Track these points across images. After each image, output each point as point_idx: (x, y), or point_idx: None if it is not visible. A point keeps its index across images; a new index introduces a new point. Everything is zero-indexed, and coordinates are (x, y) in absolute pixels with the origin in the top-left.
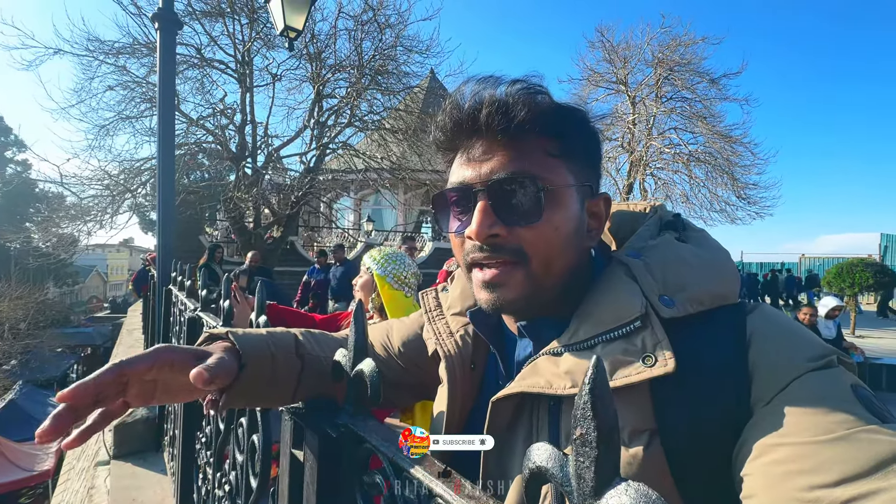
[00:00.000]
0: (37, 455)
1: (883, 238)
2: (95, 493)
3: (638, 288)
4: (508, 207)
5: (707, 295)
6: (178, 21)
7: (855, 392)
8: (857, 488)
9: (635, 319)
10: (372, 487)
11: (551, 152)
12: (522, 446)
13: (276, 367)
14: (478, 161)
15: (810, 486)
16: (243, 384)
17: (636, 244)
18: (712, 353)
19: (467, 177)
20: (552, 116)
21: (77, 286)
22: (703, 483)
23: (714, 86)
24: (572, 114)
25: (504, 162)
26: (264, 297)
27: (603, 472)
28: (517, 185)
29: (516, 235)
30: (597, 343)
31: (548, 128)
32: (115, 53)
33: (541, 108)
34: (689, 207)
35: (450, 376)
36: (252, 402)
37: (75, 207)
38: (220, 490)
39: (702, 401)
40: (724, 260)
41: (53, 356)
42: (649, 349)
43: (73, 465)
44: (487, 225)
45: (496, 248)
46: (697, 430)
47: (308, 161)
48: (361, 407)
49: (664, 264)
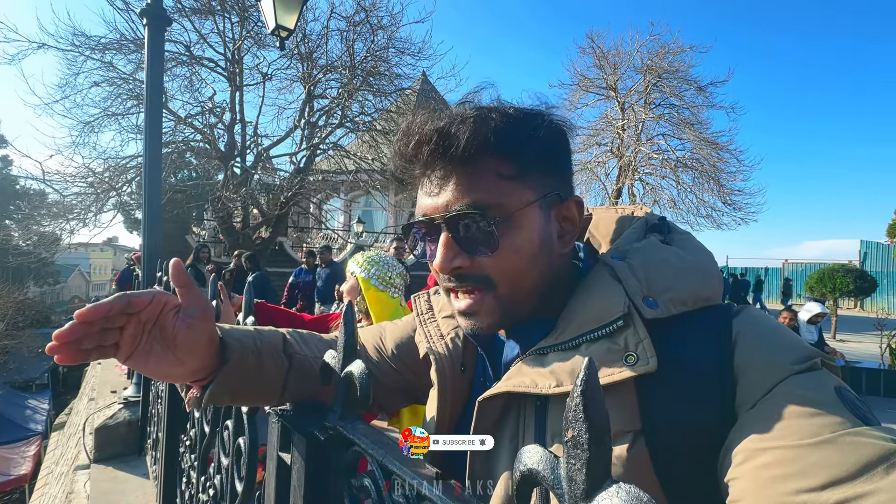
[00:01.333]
0: (13, 459)
1: (862, 245)
2: (74, 499)
3: (622, 289)
4: (467, 239)
5: (690, 296)
6: (166, 17)
7: (839, 394)
8: (843, 492)
9: (618, 319)
10: (360, 491)
11: (504, 174)
12: (509, 446)
13: (263, 363)
14: (435, 193)
15: (797, 490)
16: (227, 378)
17: (622, 246)
18: (697, 354)
19: (428, 208)
20: (500, 136)
21: (58, 286)
22: (687, 485)
23: (701, 93)
24: (525, 126)
25: (456, 194)
26: (252, 297)
27: (594, 474)
28: (469, 218)
29: (479, 265)
30: (581, 343)
31: (498, 149)
32: (102, 49)
33: (485, 132)
34: (676, 212)
35: (440, 378)
36: (236, 398)
37: (58, 205)
38: (205, 494)
39: (687, 402)
40: (708, 262)
41: (33, 357)
42: (632, 348)
43: (52, 469)
44: (449, 259)
45: (462, 277)
46: (682, 432)
47: (298, 161)
48: (350, 409)
49: (648, 266)
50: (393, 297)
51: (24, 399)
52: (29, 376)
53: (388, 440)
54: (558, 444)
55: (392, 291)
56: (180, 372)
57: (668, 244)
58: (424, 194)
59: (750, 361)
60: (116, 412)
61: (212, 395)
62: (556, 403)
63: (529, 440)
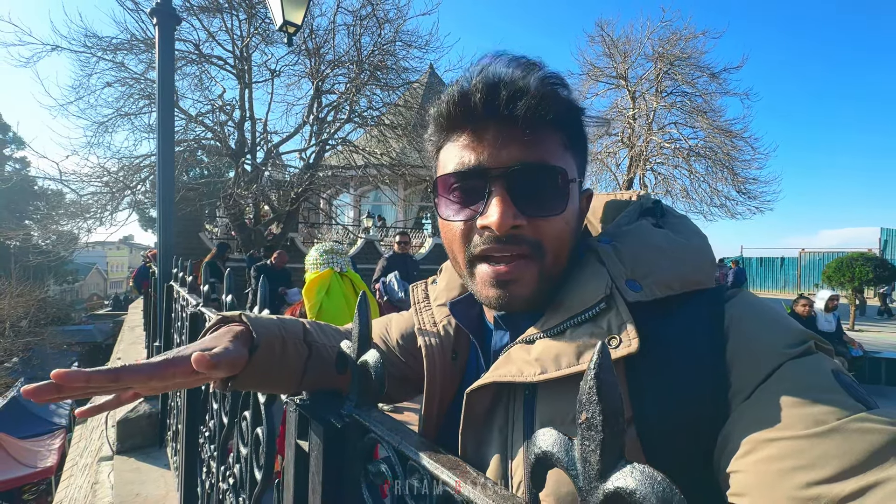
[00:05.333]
0: (39, 451)
1: (883, 232)
2: (99, 489)
3: (605, 272)
4: (529, 198)
5: (677, 279)
6: (176, 16)
7: (837, 378)
8: (857, 482)
9: (600, 301)
10: (377, 476)
11: (565, 145)
12: (498, 436)
13: (286, 351)
14: (492, 145)
15: (808, 483)
16: (254, 364)
17: (611, 230)
18: (689, 339)
19: (481, 160)
20: (569, 110)
21: (77, 284)
22: (678, 473)
23: (714, 80)
24: (579, 109)
25: (525, 149)
26: (266, 291)
27: (608, 455)
28: (544, 174)
29: (536, 228)
30: (566, 328)
31: (563, 121)
32: (113, 50)
33: (561, 101)
34: (689, 202)
35: (429, 366)
36: (261, 384)
37: (75, 205)
38: (224, 483)
39: (678, 388)
40: (700, 245)
41: (55, 354)
42: (615, 331)
43: (77, 461)
44: (511, 215)
45: (515, 240)
46: (674, 419)
47: (307, 157)
48: (366, 397)
49: (634, 249)
50: (311, 273)
51: None
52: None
53: (403, 427)
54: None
55: (311, 269)
56: (218, 375)
57: (661, 227)
58: (472, 145)
59: (743, 348)
60: (137, 405)
61: (238, 381)
62: (544, 391)
63: (519, 429)
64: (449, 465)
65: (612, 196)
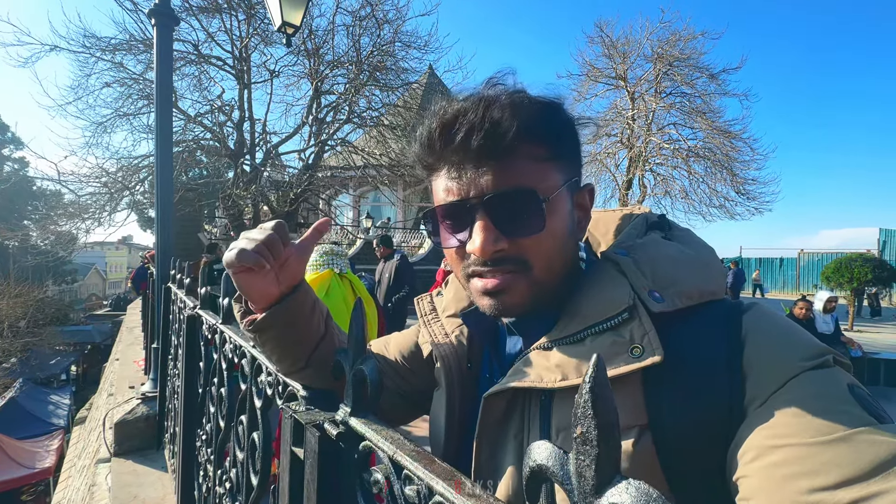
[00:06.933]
0: (38, 452)
1: (882, 233)
2: (97, 491)
3: (626, 282)
4: (508, 220)
5: (696, 290)
6: (174, 17)
7: (852, 392)
8: (858, 491)
9: (623, 311)
10: (372, 485)
11: (540, 157)
12: (513, 442)
13: (313, 315)
14: (468, 176)
15: (810, 489)
16: (287, 306)
17: (625, 242)
18: (706, 349)
19: (461, 192)
20: (537, 122)
21: (76, 284)
22: (694, 481)
23: (713, 81)
24: (554, 113)
25: (497, 176)
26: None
27: (603, 470)
28: (516, 199)
29: (518, 247)
30: (586, 336)
31: (534, 132)
32: (112, 50)
33: (523, 115)
34: (688, 203)
35: (446, 377)
36: (282, 332)
37: (73, 205)
38: (221, 487)
39: (694, 397)
40: (710, 257)
41: (53, 354)
42: (637, 340)
43: (74, 462)
44: (492, 241)
45: (500, 261)
46: (689, 427)
47: (307, 158)
48: (361, 405)
49: (652, 261)
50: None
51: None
52: (51, 372)
53: (397, 435)
54: (564, 438)
55: (310, 270)
56: (275, 292)
57: (670, 240)
58: (452, 179)
59: (760, 358)
60: (134, 407)
61: (265, 319)
62: (562, 398)
63: (535, 435)
64: (444, 475)
65: (614, 211)
